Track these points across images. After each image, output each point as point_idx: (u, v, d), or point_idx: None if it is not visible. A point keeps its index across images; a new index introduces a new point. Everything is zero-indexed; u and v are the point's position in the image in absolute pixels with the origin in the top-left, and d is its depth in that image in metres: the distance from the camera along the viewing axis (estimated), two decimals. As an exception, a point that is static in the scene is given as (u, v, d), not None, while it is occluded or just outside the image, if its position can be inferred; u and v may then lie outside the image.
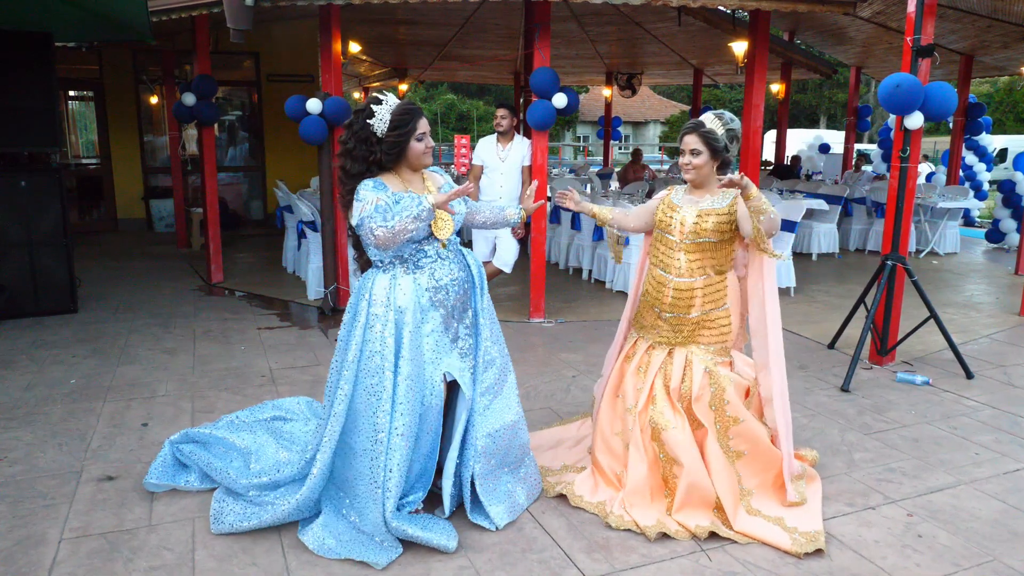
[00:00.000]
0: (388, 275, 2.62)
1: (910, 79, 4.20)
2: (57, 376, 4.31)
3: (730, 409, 2.87)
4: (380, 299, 2.58)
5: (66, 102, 10.24)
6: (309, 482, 2.64)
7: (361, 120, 2.56)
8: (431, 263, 2.65)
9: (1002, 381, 4.47)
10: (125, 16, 5.36)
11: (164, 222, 10.17)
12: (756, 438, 2.89)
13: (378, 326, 2.56)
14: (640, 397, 2.93)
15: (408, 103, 2.62)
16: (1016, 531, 2.77)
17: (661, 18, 8.91)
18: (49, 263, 5.60)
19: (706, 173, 2.88)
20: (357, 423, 2.59)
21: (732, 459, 2.87)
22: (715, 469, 2.81)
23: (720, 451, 2.85)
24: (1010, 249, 9.44)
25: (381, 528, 2.51)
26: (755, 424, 2.90)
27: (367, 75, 14.26)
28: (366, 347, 2.58)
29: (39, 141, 5.51)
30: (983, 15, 7.56)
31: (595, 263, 7.19)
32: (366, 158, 2.58)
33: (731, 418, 2.87)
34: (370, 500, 2.53)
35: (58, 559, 2.50)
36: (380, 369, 2.54)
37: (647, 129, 34.54)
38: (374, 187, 2.54)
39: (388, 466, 2.51)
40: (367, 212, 2.48)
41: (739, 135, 2.88)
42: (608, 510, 2.84)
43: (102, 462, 3.22)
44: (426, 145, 2.63)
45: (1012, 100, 26.15)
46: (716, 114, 2.87)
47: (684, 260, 2.89)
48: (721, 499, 2.77)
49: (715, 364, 2.90)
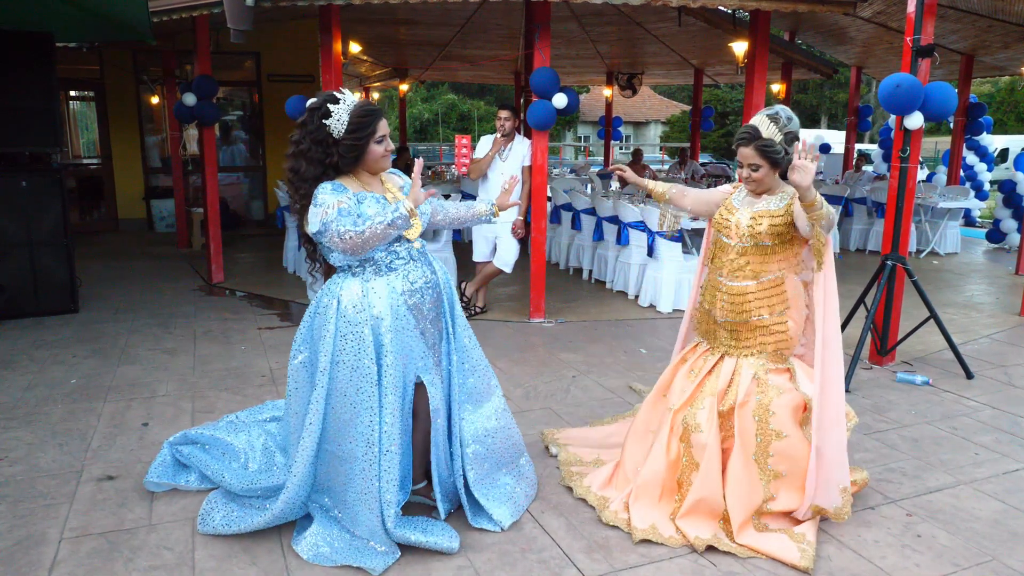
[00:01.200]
0: (358, 279, 2.50)
1: (910, 79, 4.20)
2: (57, 376, 4.31)
3: (774, 421, 2.68)
4: (353, 307, 2.46)
5: (67, 102, 10.25)
6: (284, 495, 2.58)
7: (316, 119, 2.40)
8: (404, 265, 2.55)
9: (1002, 381, 4.47)
10: (126, 16, 5.37)
11: (165, 222, 10.18)
12: (800, 459, 2.68)
13: (352, 338, 2.45)
14: (682, 398, 2.84)
15: (367, 103, 2.48)
16: (1016, 531, 2.77)
17: (661, 18, 8.90)
18: (50, 263, 5.60)
19: (768, 183, 2.73)
20: (341, 432, 2.50)
21: (768, 478, 2.70)
22: (733, 482, 2.68)
23: (744, 465, 2.69)
24: (1011, 249, 9.44)
25: (380, 534, 2.48)
26: (802, 444, 2.69)
27: (368, 75, 14.27)
28: (341, 357, 2.46)
29: (40, 141, 5.52)
30: (983, 15, 7.55)
31: (595, 263, 7.19)
32: (322, 160, 2.42)
33: (774, 431, 2.68)
34: (363, 507, 2.48)
35: (58, 559, 2.51)
36: (365, 380, 2.45)
37: (648, 129, 34.52)
38: (333, 190, 2.40)
39: (383, 477, 2.46)
40: (330, 216, 2.34)
41: (798, 134, 2.64)
42: (607, 504, 2.82)
43: (102, 462, 3.23)
44: (386, 148, 2.49)
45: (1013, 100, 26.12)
46: (770, 116, 2.66)
47: (738, 264, 2.77)
48: (730, 513, 2.65)
49: (766, 371, 2.75)
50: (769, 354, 2.77)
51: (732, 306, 2.78)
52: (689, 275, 5.83)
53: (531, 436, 3.50)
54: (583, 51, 11.50)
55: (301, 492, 2.61)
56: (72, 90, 10.26)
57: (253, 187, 10.79)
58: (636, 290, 6.41)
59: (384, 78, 14.28)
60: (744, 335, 2.79)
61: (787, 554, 2.56)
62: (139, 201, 10.26)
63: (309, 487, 2.63)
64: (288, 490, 2.58)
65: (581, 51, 11.52)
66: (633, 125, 32.72)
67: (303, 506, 2.67)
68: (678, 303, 5.99)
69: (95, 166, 10.35)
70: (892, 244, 4.59)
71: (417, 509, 2.75)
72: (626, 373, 4.52)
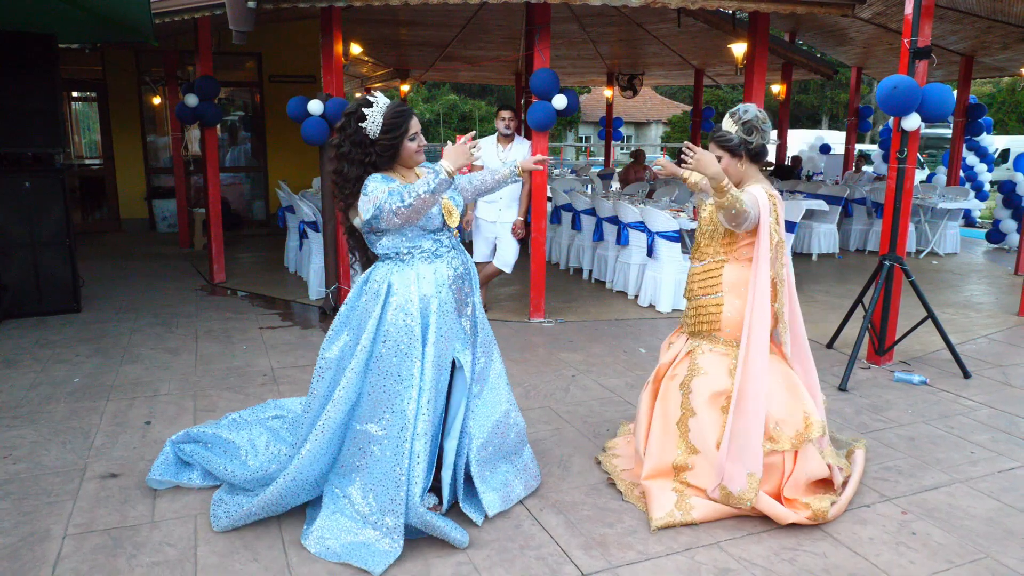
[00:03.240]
0: (407, 265, 2.65)
1: (907, 81, 4.23)
2: (61, 375, 4.35)
3: (692, 398, 2.91)
4: (403, 289, 2.61)
5: (69, 103, 10.29)
6: (297, 461, 2.62)
7: (353, 123, 2.59)
8: (447, 252, 2.72)
9: (1000, 381, 4.49)
10: (128, 18, 5.40)
11: (167, 222, 10.22)
12: (710, 440, 2.84)
13: (401, 316, 2.59)
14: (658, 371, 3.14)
15: (399, 104, 2.65)
16: (1010, 529, 2.80)
17: (662, 19, 8.93)
18: (52, 263, 5.64)
19: (733, 173, 2.89)
20: (377, 410, 2.59)
21: (686, 449, 2.90)
22: (651, 439, 2.97)
23: (662, 428, 2.96)
24: (1010, 249, 9.45)
25: (397, 511, 2.51)
26: (714, 428, 2.85)
27: (369, 76, 14.30)
28: (388, 337, 2.59)
29: (43, 142, 5.55)
30: (983, 16, 7.57)
31: (595, 263, 7.22)
32: (362, 160, 2.61)
33: (689, 408, 2.91)
34: (391, 484, 2.54)
35: (62, 554, 2.54)
36: (407, 357, 2.57)
37: (649, 130, 34.54)
38: (382, 179, 2.58)
39: (413, 459, 2.54)
40: (382, 199, 2.49)
41: (758, 123, 2.85)
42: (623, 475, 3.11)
43: (105, 460, 3.26)
44: (419, 144, 2.66)
45: (1014, 101, 26.11)
46: (730, 113, 2.91)
47: (697, 247, 3.04)
48: (644, 460, 2.94)
49: (701, 351, 2.96)
50: (704, 334, 2.98)
51: (688, 287, 3.09)
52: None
53: (531, 435, 3.52)
54: (584, 52, 11.53)
55: (315, 466, 2.65)
56: (75, 91, 10.30)
57: (255, 187, 10.82)
58: (636, 290, 6.44)
59: (385, 79, 14.31)
60: (690, 314, 3.05)
61: (657, 506, 2.80)
62: (141, 201, 10.30)
63: (325, 464, 2.68)
64: (302, 457, 2.61)
65: (582, 52, 11.55)
66: (634, 125, 32.74)
67: (315, 485, 2.69)
68: (677, 303, 6.01)
69: (97, 166, 10.39)
70: (890, 244, 4.61)
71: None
72: (626, 373, 4.54)
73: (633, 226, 6.36)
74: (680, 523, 2.77)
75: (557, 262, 8.05)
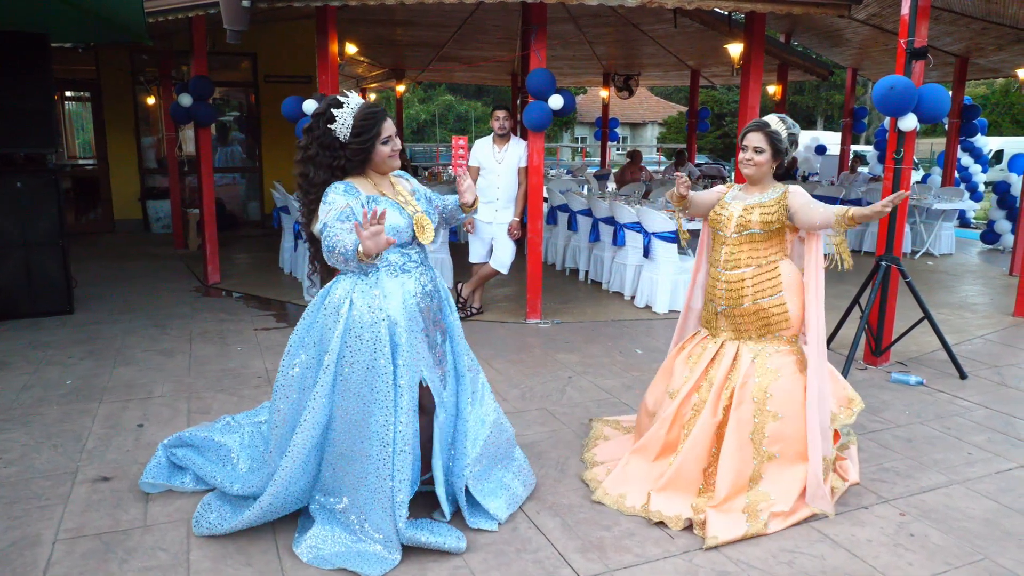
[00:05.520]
0: (371, 280, 2.51)
1: (904, 81, 4.22)
2: (53, 377, 4.31)
3: (771, 403, 2.82)
4: (368, 306, 2.47)
5: (63, 103, 10.23)
6: (271, 489, 2.56)
7: (322, 124, 2.45)
8: (416, 268, 2.60)
9: (996, 381, 4.49)
10: (121, 17, 5.36)
11: (161, 223, 10.17)
12: (794, 440, 2.82)
13: (367, 335, 2.46)
14: (685, 386, 3.01)
15: (371, 105, 2.50)
16: (1008, 530, 2.79)
17: (658, 20, 8.93)
18: (45, 264, 5.60)
19: (764, 171, 2.96)
20: (353, 431, 2.51)
21: (761, 459, 2.83)
22: (726, 458, 2.81)
23: (739, 445, 2.82)
24: (1005, 250, 9.47)
25: (391, 532, 2.48)
26: (798, 425, 2.83)
27: (365, 76, 14.27)
28: (354, 357, 2.47)
29: (35, 142, 5.51)
30: (978, 17, 7.58)
31: (592, 264, 7.20)
32: (330, 164, 2.46)
33: (771, 413, 2.82)
34: (376, 506, 2.49)
35: (53, 559, 2.51)
36: (380, 378, 2.46)
37: (645, 130, 34.58)
38: (345, 191, 2.43)
39: (396, 476, 2.46)
40: (331, 217, 2.36)
41: (798, 141, 3.01)
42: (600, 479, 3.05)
43: (97, 463, 3.23)
44: (392, 148, 2.51)
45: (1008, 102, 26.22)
46: (780, 117, 2.96)
47: (734, 253, 2.98)
48: (717, 486, 2.80)
49: (767, 355, 2.91)
50: (769, 338, 2.95)
51: (730, 293, 2.97)
52: (684, 276, 5.85)
53: (527, 436, 3.51)
54: (580, 52, 11.52)
55: (292, 487, 2.59)
56: (68, 91, 10.24)
57: (250, 188, 10.78)
58: (632, 291, 6.42)
59: (381, 79, 14.28)
60: (744, 321, 2.97)
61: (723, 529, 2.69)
62: (135, 202, 10.25)
63: (301, 484, 2.63)
64: (276, 483, 2.56)
65: (578, 52, 11.54)
66: (630, 126, 32.79)
67: (296, 501, 2.66)
68: (674, 304, 6.00)
69: (91, 167, 10.33)
70: (886, 245, 4.61)
71: (420, 512, 2.74)
72: (622, 373, 4.53)
73: (629, 227, 6.35)
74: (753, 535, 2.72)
75: (553, 263, 8.03)
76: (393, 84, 14.00)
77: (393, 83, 13.98)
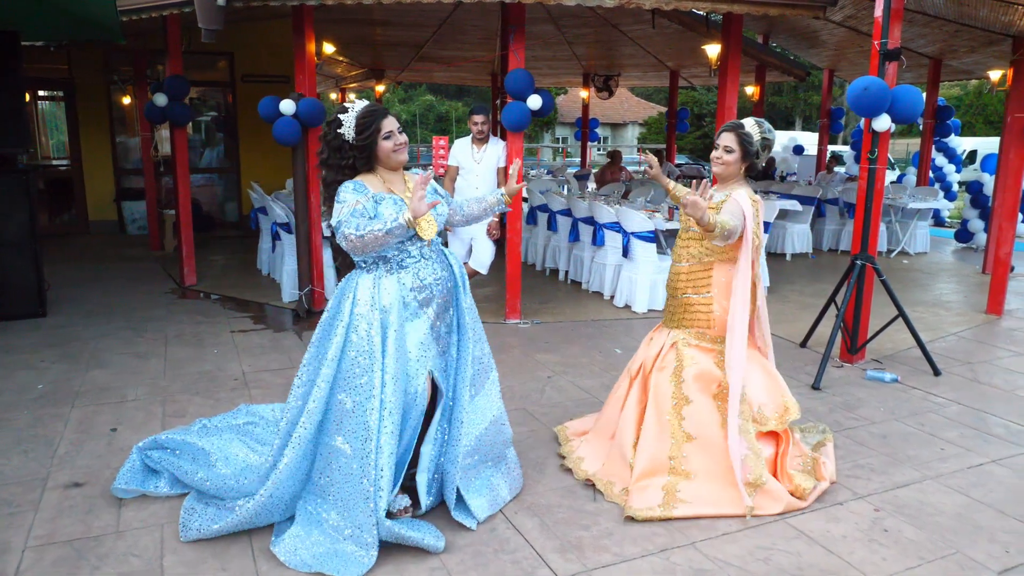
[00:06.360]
0: (371, 275, 2.66)
1: (877, 82, 4.28)
2: (24, 381, 4.23)
3: (685, 387, 3.01)
4: (364, 299, 2.62)
5: (35, 102, 10.06)
6: (274, 477, 2.61)
7: (332, 130, 2.65)
8: (415, 263, 2.70)
9: (968, 378, 4.56)
10: (94, 15, 5.27)
11: (136, 224, 10.03)
12: (708, 425, 2.97)
13: (363, 326, 2.58)
14: (633, 366, 3.25)
15: (372, 105, 2.68)
16: (979, 524, 2.83)
17: (636, 20, 8.97)
18: (17, 266, 5.49)
19: (732, 171, 3.05)
20: (342, 423, 2.57)
21: (680, 439, 2.97)
22: (644, 435, 3.00)
23: (656, 421, 3.00)
24: (978, 248, 9.63)
25: (370, 527, 2.48)
26: (710, 412, 2.99)
27: (344, 76, 14.19)
28: (349, 347, 2.59)
29: (6, 142, 5.41)
30: (950, 20, 7.69)
31: (571, 264, 7.22)
32: (340, 165, 2.65)
33: (684, 396, 3.00)
34: (360, 499, 2.51)
35: (22, 568, 2.46)
36: (368, 369, 2.55)
37: (625, 131, 34.71)
38: (354, 189, 2.60)
39: (379, 465, 2.51)
40: (344, 215, 2.53)
41: (772, 146, 3.09)
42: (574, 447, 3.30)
43: (69, 468, 3.17)
44: (394, 143, 2.66)
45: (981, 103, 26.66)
46: (757, 121, 3.06)
47: (679, 247, 3.16)
48: (635, 462, 2.96)
49: (687, 344, 3.08)
50: (693, 331, 3.09)
51: (672, 284, 3.19)
52: (662, 275, 5.87)
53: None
54: (560, 53, 11.55)
55: (292, 481, 2.62)
56: (41, 90, 10.07)
57: (227, 188, 10.66)
58: (611, 290, 6.45)
59: (360, 79, 14.21)
60: (678, 311, 3.15)
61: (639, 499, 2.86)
62: (110, 203, 10.10)
63: (300, 481, 2.65)
64: (279, 473, 2.60)
65: (558, 53, 11.56)
66: (610, 127, 32.88)
67: (289, 505, 2.67)
68: (653, 303, 6.03)
69: (65, 167, 10.16)
70: (861, 244, 4.66)
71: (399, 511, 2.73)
72: (601, 373, 4.54)
73: (608, 227, 6.37)
74: (659, 518, 2.80)
75: (533, 263, 8.04)
76: (373, 84, 13.93)
77: (373, 83, 13.91)
